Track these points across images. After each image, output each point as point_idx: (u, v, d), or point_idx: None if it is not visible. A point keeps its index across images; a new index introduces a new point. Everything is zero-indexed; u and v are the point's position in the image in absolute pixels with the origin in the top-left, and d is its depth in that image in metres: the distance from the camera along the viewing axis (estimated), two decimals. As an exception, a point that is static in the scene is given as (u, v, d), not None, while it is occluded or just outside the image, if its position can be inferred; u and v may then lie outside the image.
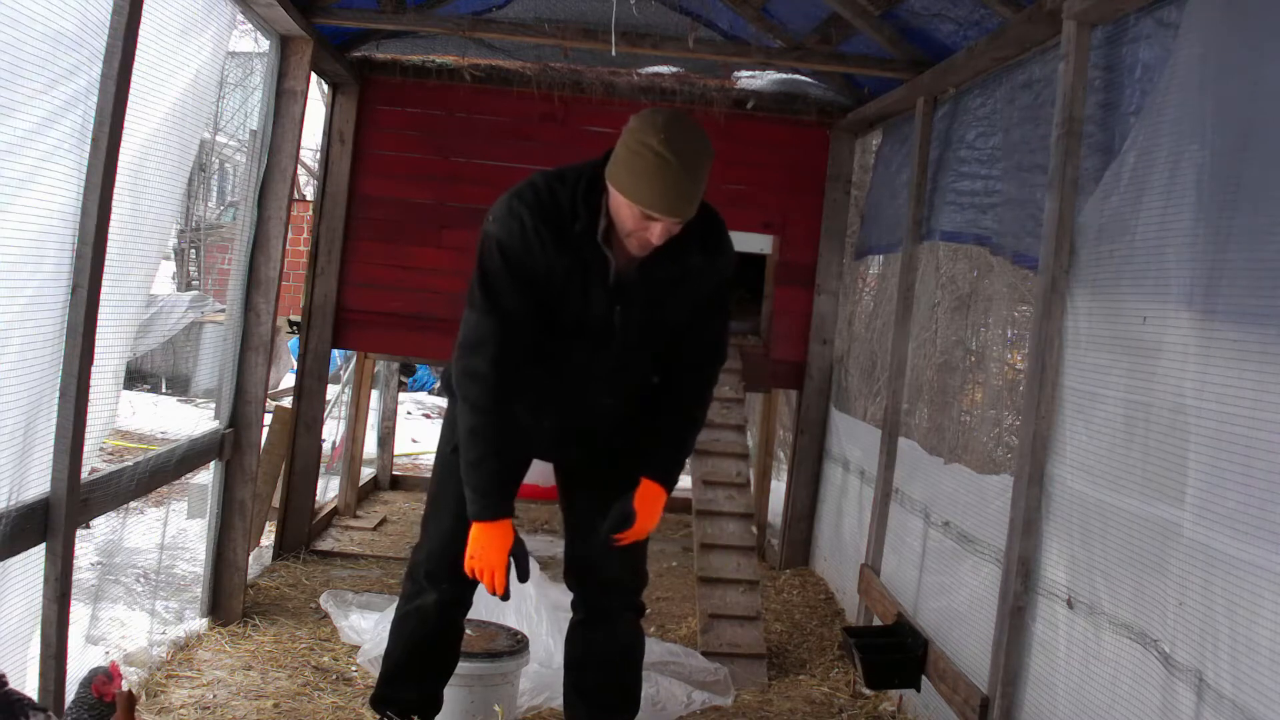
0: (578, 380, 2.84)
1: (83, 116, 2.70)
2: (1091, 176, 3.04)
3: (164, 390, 10.79)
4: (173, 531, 4.95)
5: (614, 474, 2.95)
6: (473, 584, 3.09)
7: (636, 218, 2.55)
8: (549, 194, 2.67)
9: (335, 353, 6.47)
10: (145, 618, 4.00)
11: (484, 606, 4.01)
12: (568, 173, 2.72)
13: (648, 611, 3.11)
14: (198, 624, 4.24)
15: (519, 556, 2.78)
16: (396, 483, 7.59)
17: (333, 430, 6.84)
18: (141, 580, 4.40)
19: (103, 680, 2.39)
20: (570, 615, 3.17)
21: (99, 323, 2.84)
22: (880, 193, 5.42)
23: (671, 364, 2.90)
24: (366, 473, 7.25)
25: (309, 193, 13.29)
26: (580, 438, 2.98)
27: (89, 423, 2.88)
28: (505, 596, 2.80)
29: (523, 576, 2.80)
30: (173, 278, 13.62)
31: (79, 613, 3.36)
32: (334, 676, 3.94)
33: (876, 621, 4.46)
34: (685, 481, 6.79)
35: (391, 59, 5.74)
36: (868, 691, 4.18)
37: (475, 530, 2.76)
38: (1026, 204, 3.59)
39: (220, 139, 12.96)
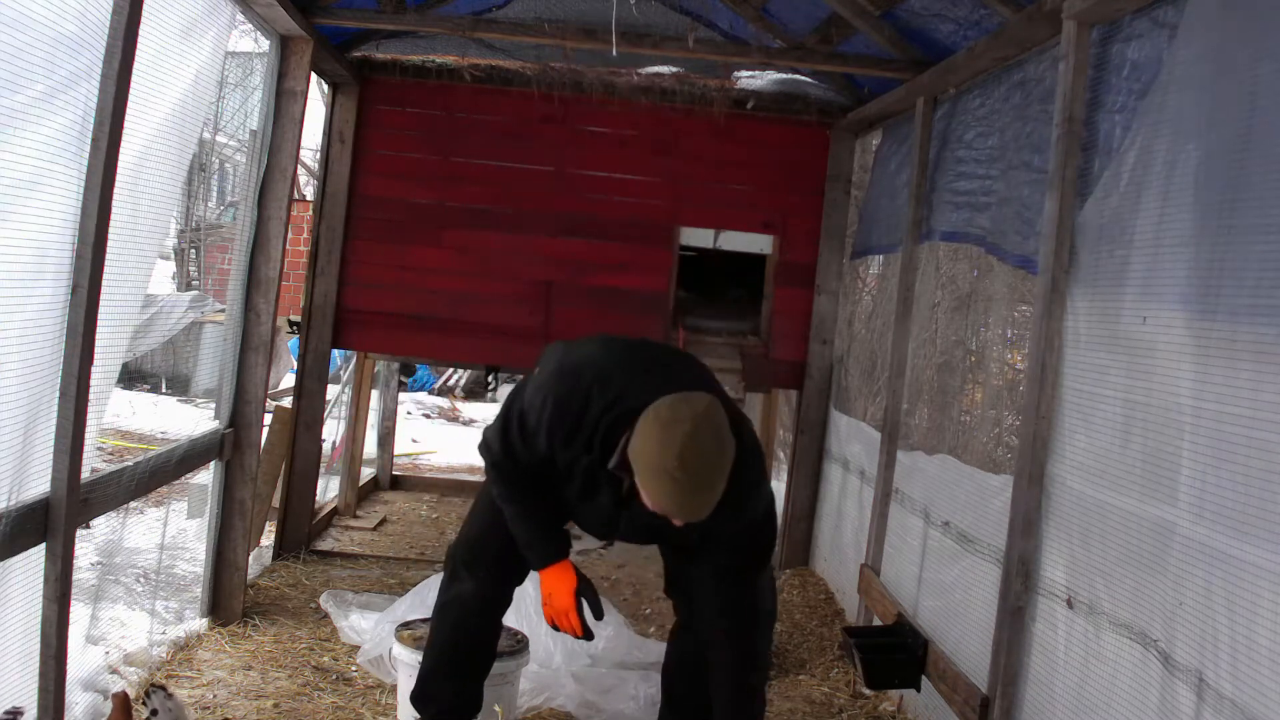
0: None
1: (82, 117, 2.70)
2: (1092, 176, 3.04)
3: (164, 390, 10.80)
4: (173, 531, 4.95)
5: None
6: (512, 582, 3.25)
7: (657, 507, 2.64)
8: (581, 403, 2.74)
9: (335, 353, 6.47)
10: (145, 618, 4.00)
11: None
12: (611, 387, 2.73)
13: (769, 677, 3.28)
14: (198, 624, 4.24)
15: (587, 595, 2.97)
16: (396, 483, 7.59)
17: (333, 430, 6.84)
18: (141, 580, 4.40)
19: None
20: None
21: (98, 323, 2.84)
22: (879, 192, 5.41)
23: (704, 629, 3.08)
24: (366, 473, 7.24)
25: (309, 193, 13.29)
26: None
27: (89, 423, 2.88)
28: (587, 636, 2.99)
29: (597, 614, 2.98)
30: (173, 278, 13.62)
31: (79, 613, 3.36)
32: (334, 676, 3.94)
33: (876, 621, 4.46)
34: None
35: (391, 59, 5.74)
36: (868, 691, 4.18)
37: (540, 578, 2.99)
38: (1013, 202, 3.59)
39: (220, 139, 12.95)
